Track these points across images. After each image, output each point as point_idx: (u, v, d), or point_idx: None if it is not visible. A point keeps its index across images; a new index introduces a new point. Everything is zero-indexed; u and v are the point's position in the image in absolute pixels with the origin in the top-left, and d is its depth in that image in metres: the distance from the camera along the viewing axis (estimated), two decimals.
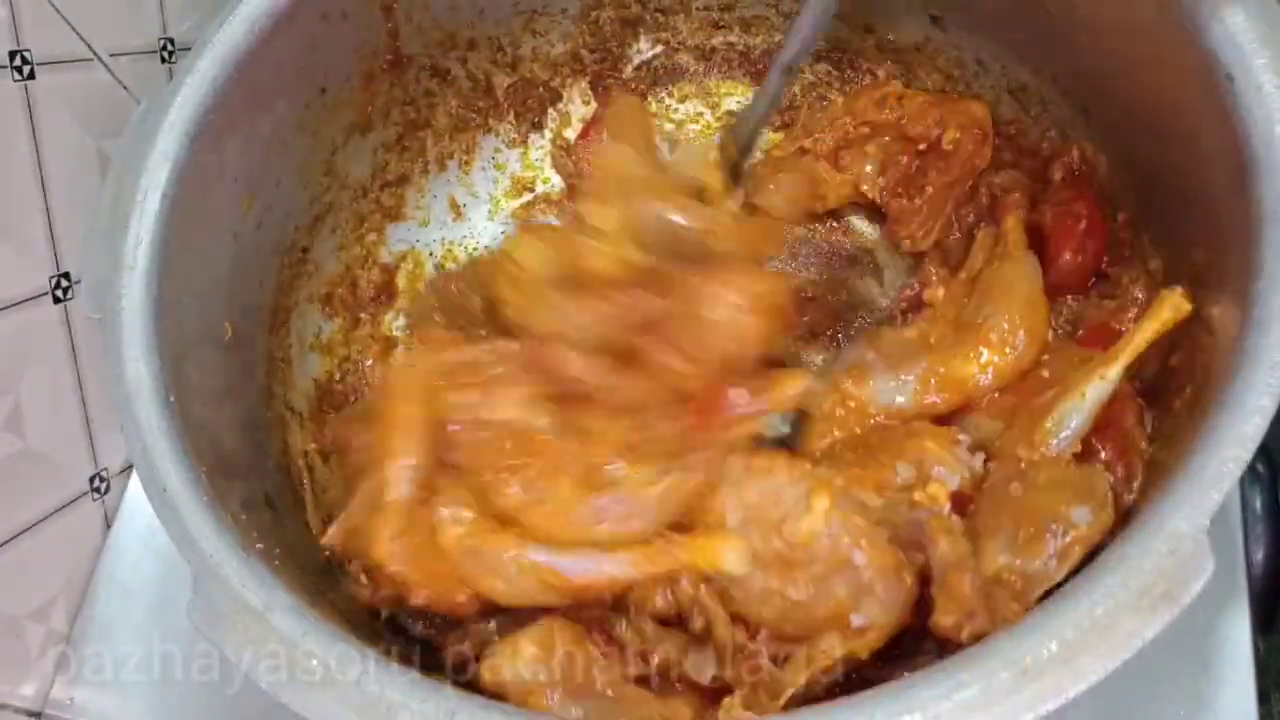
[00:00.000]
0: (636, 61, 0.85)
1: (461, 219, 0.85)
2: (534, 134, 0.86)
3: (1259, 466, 0.66)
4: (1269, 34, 0.50)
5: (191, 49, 0.62)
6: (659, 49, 0.85)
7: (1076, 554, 0.49)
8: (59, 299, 0.70)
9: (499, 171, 0.86)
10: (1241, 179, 0.50)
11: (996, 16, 0.71)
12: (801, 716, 0.46)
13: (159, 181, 0.59)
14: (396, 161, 0.81)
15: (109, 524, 0.77)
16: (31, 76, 0.66)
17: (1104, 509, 0.51)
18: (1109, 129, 0.66)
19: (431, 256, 0.84)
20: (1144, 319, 0.56)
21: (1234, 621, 0.62)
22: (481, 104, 0.83)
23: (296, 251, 0.75)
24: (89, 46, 0.71)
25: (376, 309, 0.81)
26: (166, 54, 0.79)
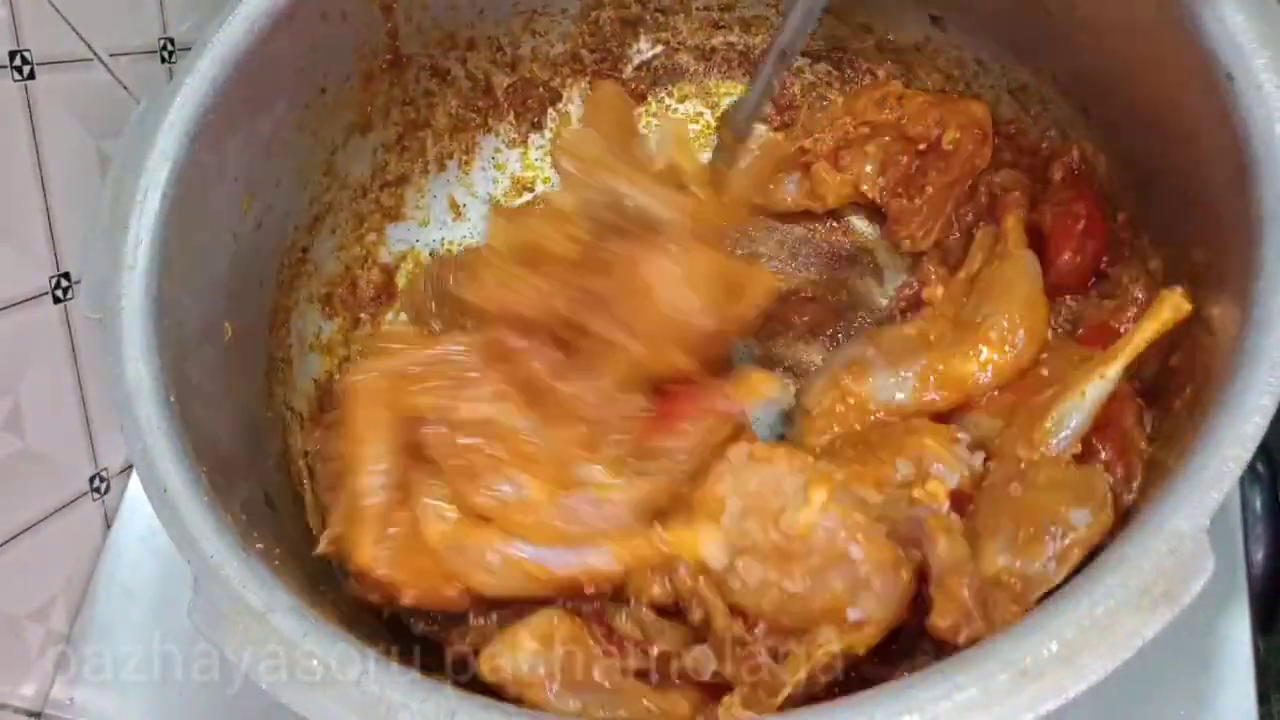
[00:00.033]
0: (636, 61, 0.85)
1: (461, 219, 0.85)
2: (534, 134, 0.86)
3: (1259, 466, 0.66)
4: (1269, 34, 0.50)
5: (191, 49, 0.62)
6: (659, 49, 0.85)
7: (1076, 556, 0.49)
8: (59, 299, 0.70)
9: (499, 171, 0.86)
10: (1241, 179, 0.50)
11: (996, 16, 0.71)
12: (801, 716, 0.46)
13: (159, 181, 0.59)
14: (396, 161, 0.81)
15: (109, 524, 0.77)
16: (31, 76, 0.66)
17: (1103, 510, 0.51)
18: (1109, 129, 0.66)
19: (432, 257, 0.84)
20: (1144, 319, 0.56)
21: (1234, 622, 0.62)
22: (481, 104, 0.84)
23: (296, 251, 0.75)
24: (89, 46, 0.71)
25: (376, 309, 0.81)
26: (166, 54, 0.79)
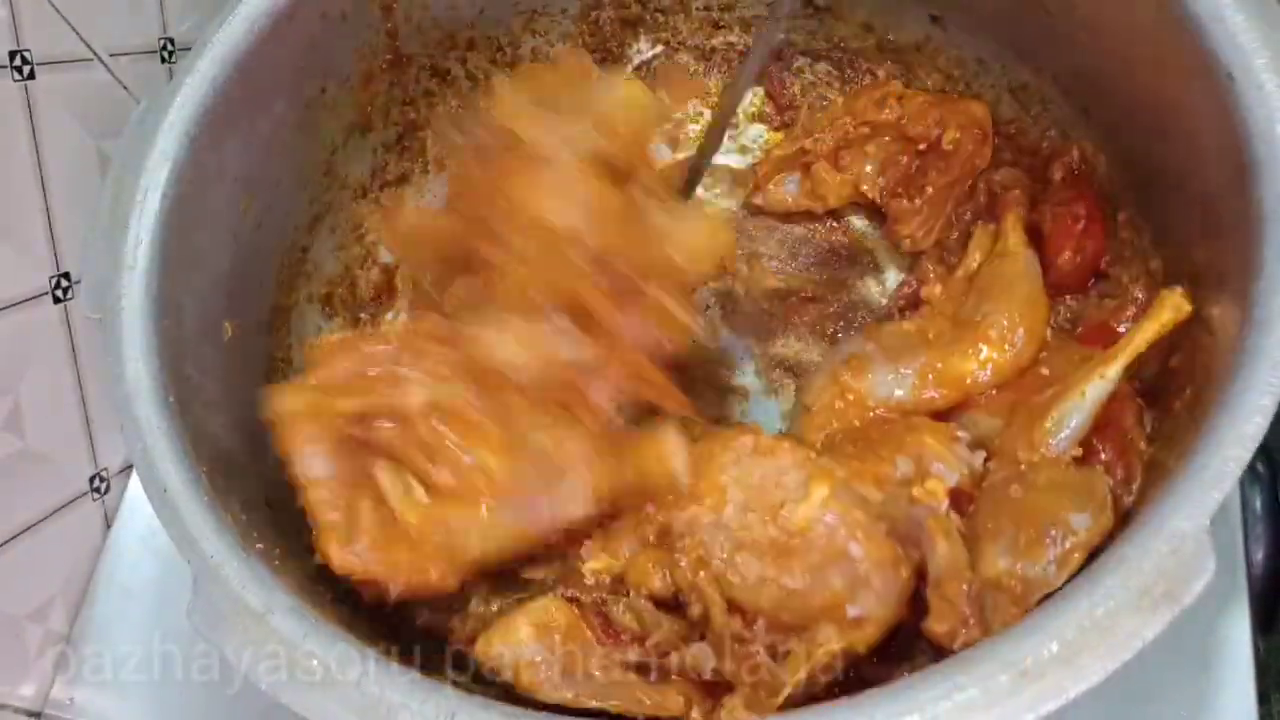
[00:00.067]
0: (636, 61, 0.85)
1: None
2: None
3: (1259, 466, 0.66)
4: (1269, 34, 0.50)
5: (191, 49, 0.62)
6: (659, 49, 0.85)
7: (1076, 560, 0.49)
8: (59, 299, 0.70)
9: None
10: (1242, 179, 0.50)
11: (997, 16, 0.71)
12: (801, 716, 0.46)
13: (159, 181, 0.59)
14: (396, 162, 0.81)
15: (108, 524, 0.77)
16: (31, 76, 0.66)
17: (1103, 512, 0.51)
18: (1109, 128, 0.66)
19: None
20: (1144, 319, 0.56)
21: (1234, 622, 0.62)
22: (481, 104, 0.83)
23: (296, 251, 0.75)
24: (89, 46, 0.71)
25: (376, 309, 0.81)
26: (166, 54, 0.79)
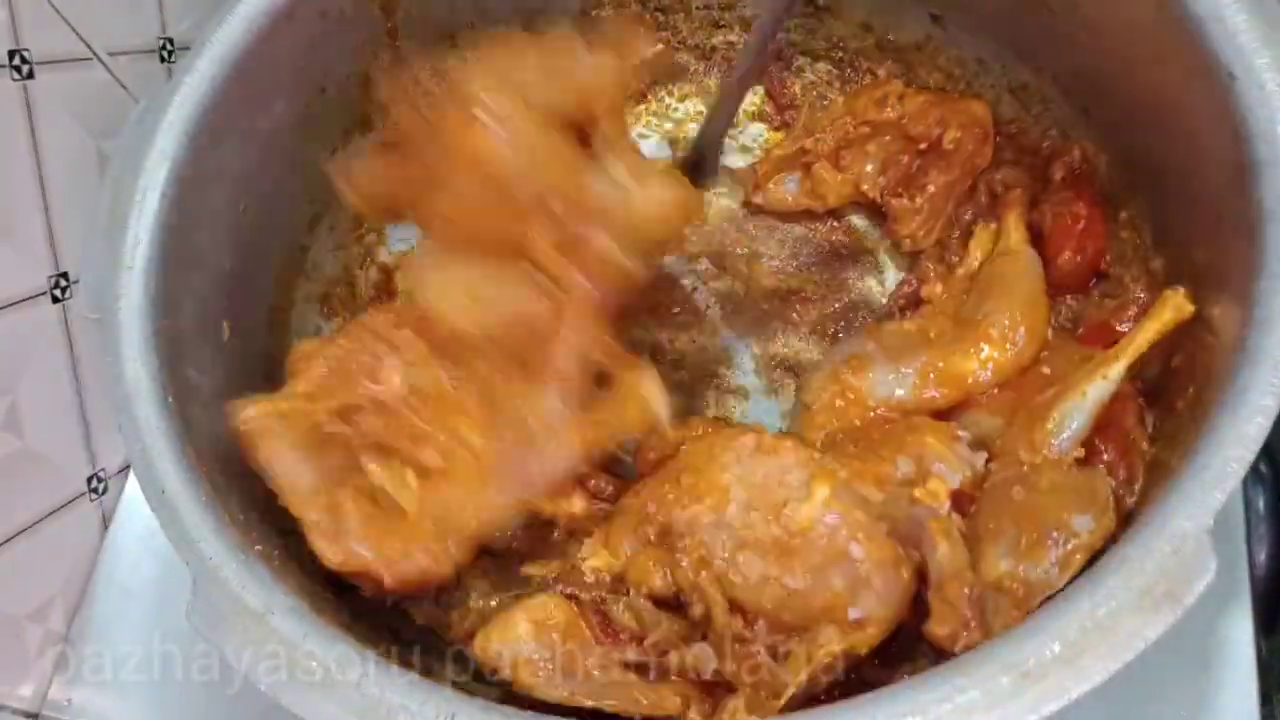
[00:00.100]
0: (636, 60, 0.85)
1: None
2: None
3: (1262, 467, 0.66)
4: (1270, 33, 0.50)
5: (190, 48, 0.62)
6: (659, 47, 0.85)
7: (1078, 562, 0.49)
8: (57, 298, 0.70)
9: None
10: (1243, 178, 0.50)
11: (997, 15, 0.71)
12: (802, 718, 0.46)
13: (158, 181, 0.59)
14: None
15: (107, 524, 0.76)
16: (31, 76, 0.65)
17: (1105, 514, 0.51)
18: (1110, 128, 0.66)
19: None
20: (1146, 319, 0.56)
21: (1236, 622, 0.62)
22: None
23: (295, 251, 0.74)
24: (88, 46, 0.71)
25: (375, 309, 0.81)
26: (165, 53, 0.79)
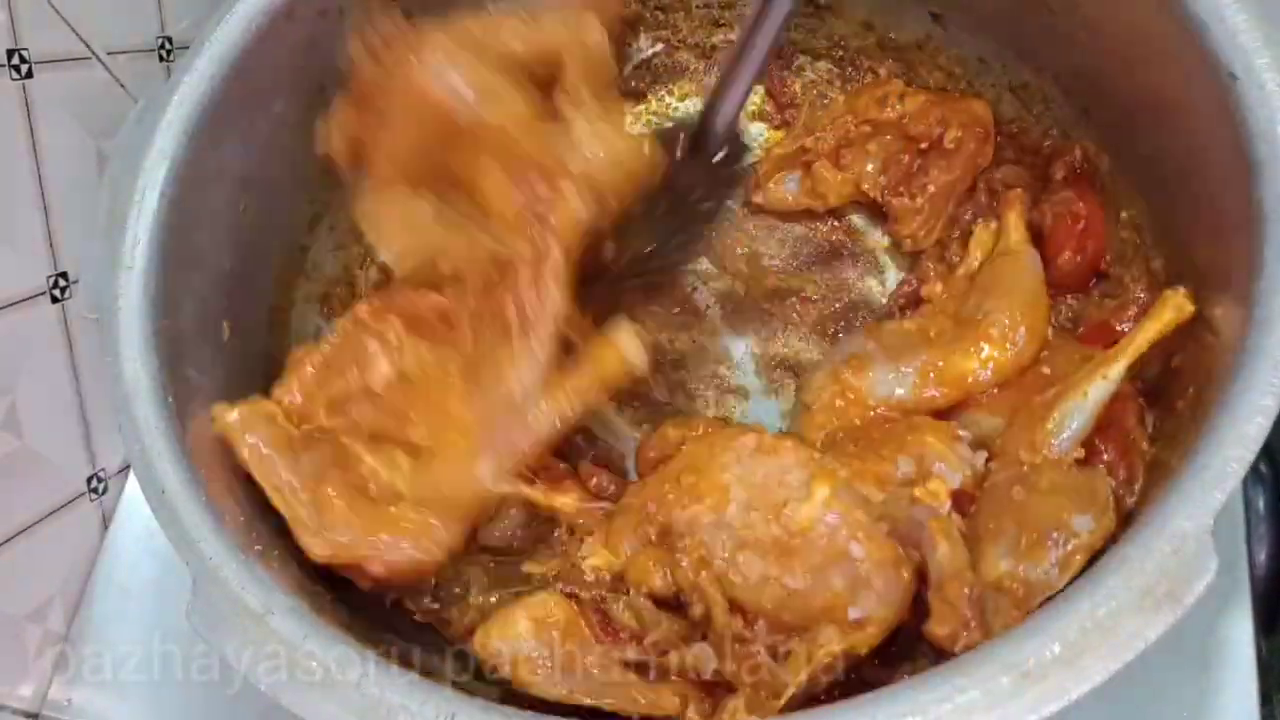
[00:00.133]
0: (636, 60, 0.85)
1: None
2: None
3: (1262, 467, 0.66)
4: (1270, 33, 0.50)
5: (189, 47, 0.62)
6: (659, 47, 0.84)
7: (1078, 562, 0.49)
8: (57, 298, 0.70)
9: None
10: (1244, 178, 0.50)
11: (998, 15, 0.70)
12: (802, 718, 0.46)
13: (157, 181, 0.59)
14: None
15: (106, 524, 0.76)
16: (29, 75, 0.65)
17: (1105, 515, 0.51)
18: (1111, 128, 0.66)
19: None
20: (1146, 319, 0.56)
21: (1236, 622, 0.62)
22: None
23: (295, 251, 0.74)
24: (87, 45, 0.71)
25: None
26: (164, 52, 0.79)
